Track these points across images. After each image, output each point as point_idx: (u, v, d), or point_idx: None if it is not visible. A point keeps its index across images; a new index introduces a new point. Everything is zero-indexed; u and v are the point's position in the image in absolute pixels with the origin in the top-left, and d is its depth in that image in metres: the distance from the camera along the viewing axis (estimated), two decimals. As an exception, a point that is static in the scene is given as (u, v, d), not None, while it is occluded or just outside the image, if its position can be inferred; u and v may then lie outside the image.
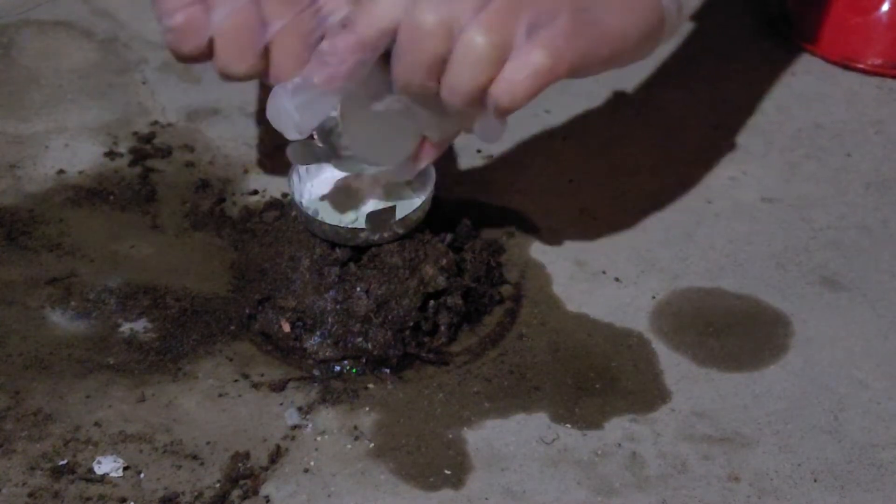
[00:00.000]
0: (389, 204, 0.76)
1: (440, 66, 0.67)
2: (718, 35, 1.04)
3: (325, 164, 0.79)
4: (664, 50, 1.01)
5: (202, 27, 0.72)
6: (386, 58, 0.69)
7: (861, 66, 1.00)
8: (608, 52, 0.70)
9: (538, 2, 0.67)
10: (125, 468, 0.68)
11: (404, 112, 0.71)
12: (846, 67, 1.01)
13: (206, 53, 0.73)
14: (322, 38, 0.71)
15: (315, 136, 0.74)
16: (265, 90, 0.81)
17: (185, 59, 0.73)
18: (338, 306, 0.74)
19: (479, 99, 0.68)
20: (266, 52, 0.72)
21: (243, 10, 0.71)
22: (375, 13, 0.68)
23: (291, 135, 0.70)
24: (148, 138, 0.91)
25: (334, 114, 0.72)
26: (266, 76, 0.73)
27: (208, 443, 0.70)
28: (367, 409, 0.73)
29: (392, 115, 0.71)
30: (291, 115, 0.69)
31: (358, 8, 0.68)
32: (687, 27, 1.04)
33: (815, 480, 0.69)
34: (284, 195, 0.86)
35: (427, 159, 0.75)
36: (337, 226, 0.75)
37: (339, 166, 0.78)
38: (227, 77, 0.73)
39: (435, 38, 0.66)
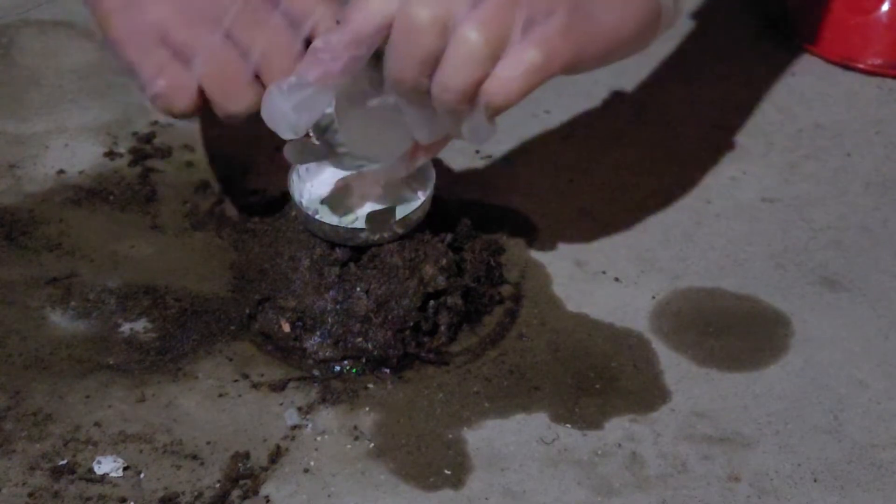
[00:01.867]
0: (389, 204, 0.76)
1: (433, 62, 0.67)
2: (718, 35, 1.04)
3: (324, 164, 0.79)
4: (664, 49, 1.01)
5: (187, 83, 0.71)
6: (379, 55, 0.68)
7: (861, 66, 1.00)
8: (604, 47, 0.69)
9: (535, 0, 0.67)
10: (125, 468, 0.68)
11: (398, 109, 0.70)
12: (846, 67, 1.01)
13: (201, 104, 0.72)
14: (308, 41, 0.70)
15: (311, 135, 0.74)
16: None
17: (183, 116, 0.72)
18: (338, 306, 0.74)
19: (471, 97, 0.67)
20: (258, 80, 0.71)
21: (221, 51, 0.70)
22: (369, 8, 0.67)
23: (287, 134, 0.70)
24: (148, 138, 0.91)
25: (330, 111, 0.72)
26: None
27: (208, 443, 0.70)
28: (367, 409, 0.73)
29: (387, 112, 0.71)
30: (287, 114, 0.69)
31: (352, 3, 0.68)
32: (687, 27, 1.04)
33: (815, 480, 0.69)
34: (284, 195, 0.86)
35: (421, 160, 0.75)
36: (337, 226, 0.75)
37: (336, 164, 0.77)
38: (232, 118, 0.72)
39: (429, 34, 0.66)
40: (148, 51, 0.71)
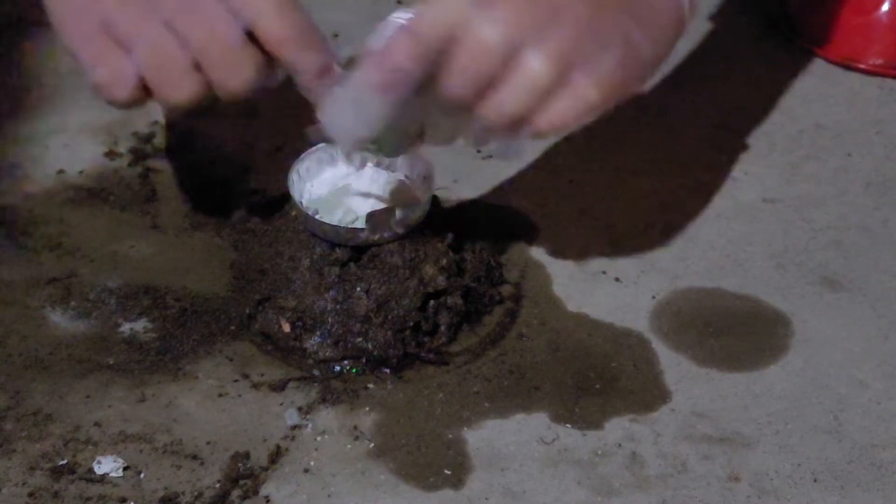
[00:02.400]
0: (389, 204, 0.76)
1: (490, 82, 0.66)
2: (720, 35, 1.04)
3: (325, 164, 0.79)
4: (664, 50, 1.01)
5: (127, 72, 0.70)
6: None
7: (862, 66, 1.00)
8: (645, 73, 0.70)
9: (597, 34, 0.66)
10: (125, 468, 0.68)
11: (413, 107, 0.69)
12: (847, 68, 1.00)
13: (143, 95, 0.71)
14: (248, 31, 0.69)
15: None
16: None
17: (125, 105, 0.72)
18: (338, 306, 0.74)
19: (522, 123, 0.67)
20: (199, 69, 0.70)
21: (160, 39, 0.69)
22: (437, 16, 0.65)
23: (346, 142, 0.69)
24: (148, 138, 0.91)
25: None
26: (214, 90, 0.71)
27: (208, 443, 0.70)
28: (367, 409, 0.73)
29: (405, 107, 0.69)
30: (348, 120, 0.67)
31: (419, 9, 0.66)
32: (688, 27, 1.03)
33: (815, 480, 0.69)
34: (284, 195, 0.86)
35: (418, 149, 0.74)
36: (337, 226, 0.75)
37: (348, 157, 0.76)
38: (174, 107, 0.71)
39: (496, 57, 0.65)
40: (91, 39, 0.71)
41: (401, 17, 0.66)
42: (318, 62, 0.69)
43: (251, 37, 0.69)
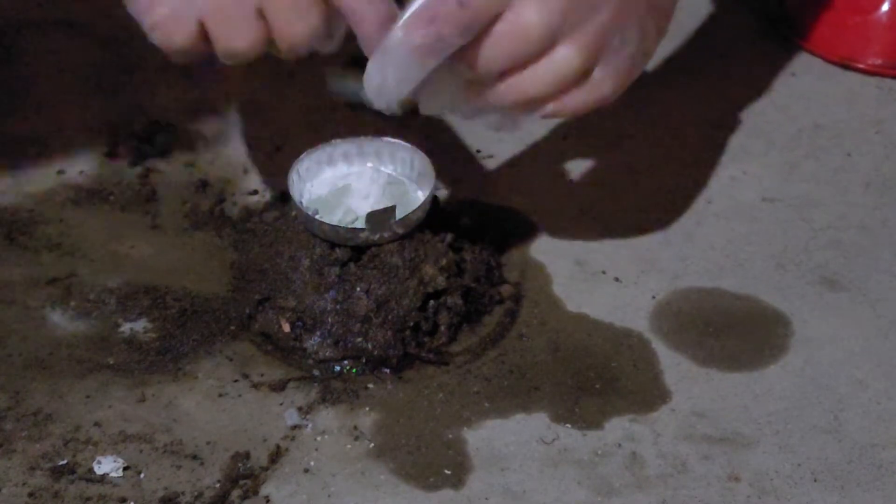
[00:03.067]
0: (389, 204, 0.76)
1: (519, 63, 0.66)
2: (718, 35, 1.04)
3: (325, 164, 0.79)
4: (664, 49, 1.01)
5: (188, 13, 0.68)
6: None
7: (861, 66, 1.00)
8: (647, 62, 0.71)
9: (621, 28, 0.68)
10: (125, 468, 0.68)
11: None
12: (846, 67, 1.00)
13: (200, 43, 0.69)
14: None
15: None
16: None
17: (180, 52, 0.69)
18: (338, 306, 0.74)
19: (534, 106, 0.68)
20: (262, 16, 0.68)
21: None
22: None
23: (379, 99, 0.68)
24: (148, 138, 0.91)
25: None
26: (272, 45, 0.69)
27: (208, 443, 0.70)
28: (367, 409, 0.73)
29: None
30: (383, 77, 0.66)
31: None
32: (687, 27, 1.04)
33: (815, 480, 0.69)
34: (284, 195, 0.86)
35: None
36: (337, 226, 0.75)
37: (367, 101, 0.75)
38: (232, 57, 0.69)
39: (535, 40, 0.65)
40: None
41: None
42: (381, 11, 0.67)
43: None
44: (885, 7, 1.00)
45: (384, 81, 0.67)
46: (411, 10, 0.65)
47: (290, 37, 0.68)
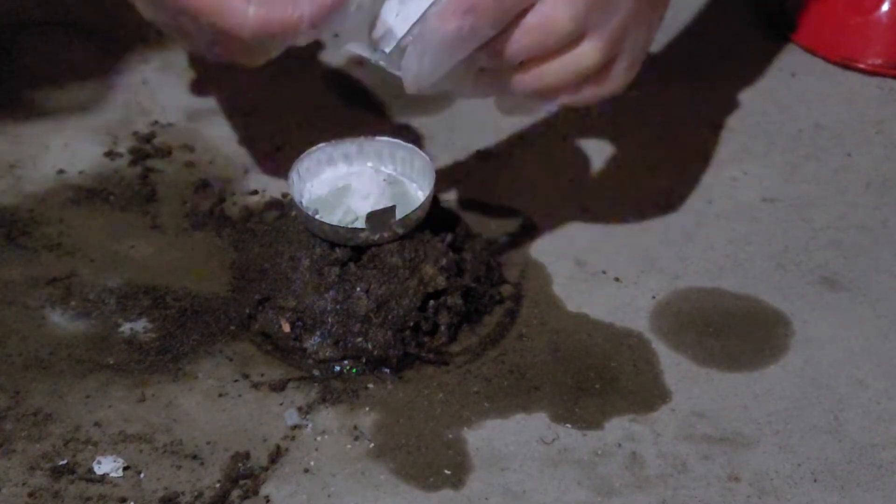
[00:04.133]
0: (389, 204, 0.76)
1: (542, 54, 0.67)
2: (718, 35, 1.04)
3: (325, 164, 0.79)
4: (664, 49, 1.01)
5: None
6: None
7: (861, 66, 1.00)
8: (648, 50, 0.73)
9: (636, 25, 0.69)
10: (125, 468, 0.68)
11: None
12: (846, 67, 1.00)
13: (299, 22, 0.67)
14: None
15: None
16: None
17: (278, 34, 0.67)
18: (338, 306, 0.74)
19: (549, 95, 0.69)
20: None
21: None
22: None
23: (416, 89, 0.68)
24: (148, 138, 0.91)
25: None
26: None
27: (208, 443, 0.70)
28: (367, 409, 0.73)
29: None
30: (424, 67, 0.67)
31: None
32: (687, 27, 1.04)
33: (815, 480, 0.69)
34: (284, 195, 0.86)
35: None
36: (337, 226, 0.75)
37: (371, 56, 0.74)
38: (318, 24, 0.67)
39: (562, 33, 0.67)
40: None
41: None
42: None
43: None
44: (886, 7, 1.00)
45: (420, 69, 0.67)
46: None
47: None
